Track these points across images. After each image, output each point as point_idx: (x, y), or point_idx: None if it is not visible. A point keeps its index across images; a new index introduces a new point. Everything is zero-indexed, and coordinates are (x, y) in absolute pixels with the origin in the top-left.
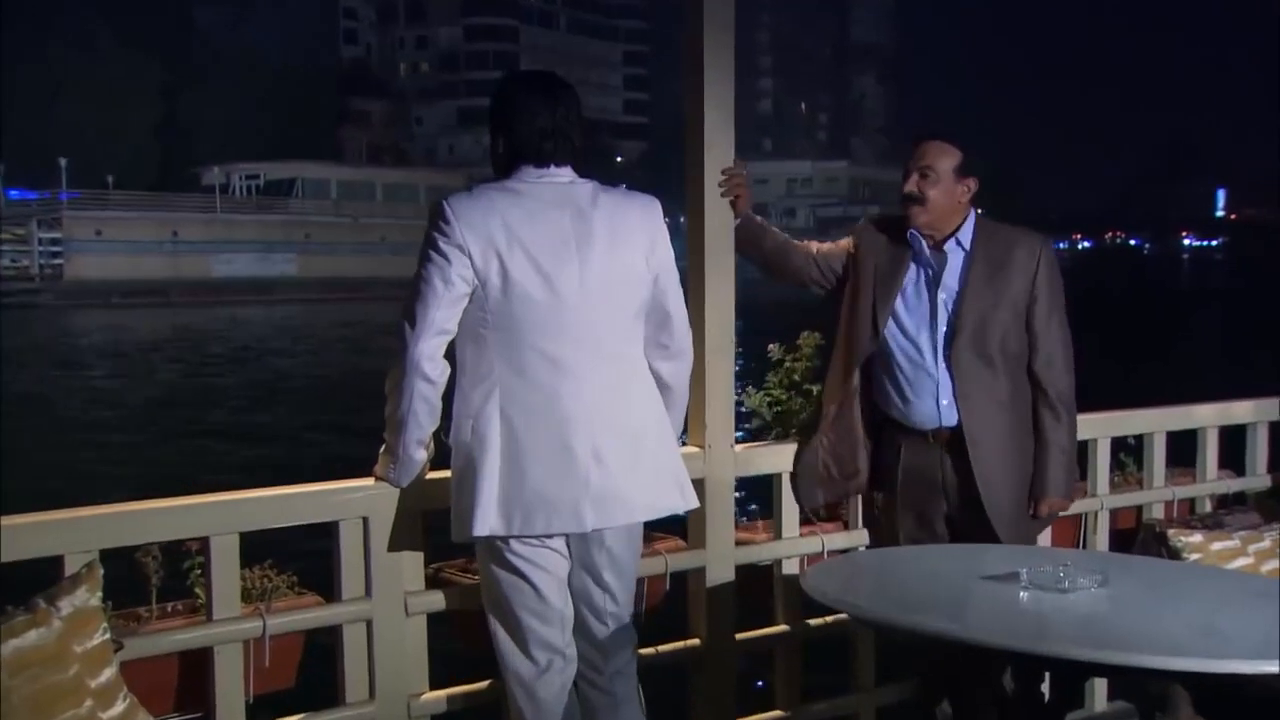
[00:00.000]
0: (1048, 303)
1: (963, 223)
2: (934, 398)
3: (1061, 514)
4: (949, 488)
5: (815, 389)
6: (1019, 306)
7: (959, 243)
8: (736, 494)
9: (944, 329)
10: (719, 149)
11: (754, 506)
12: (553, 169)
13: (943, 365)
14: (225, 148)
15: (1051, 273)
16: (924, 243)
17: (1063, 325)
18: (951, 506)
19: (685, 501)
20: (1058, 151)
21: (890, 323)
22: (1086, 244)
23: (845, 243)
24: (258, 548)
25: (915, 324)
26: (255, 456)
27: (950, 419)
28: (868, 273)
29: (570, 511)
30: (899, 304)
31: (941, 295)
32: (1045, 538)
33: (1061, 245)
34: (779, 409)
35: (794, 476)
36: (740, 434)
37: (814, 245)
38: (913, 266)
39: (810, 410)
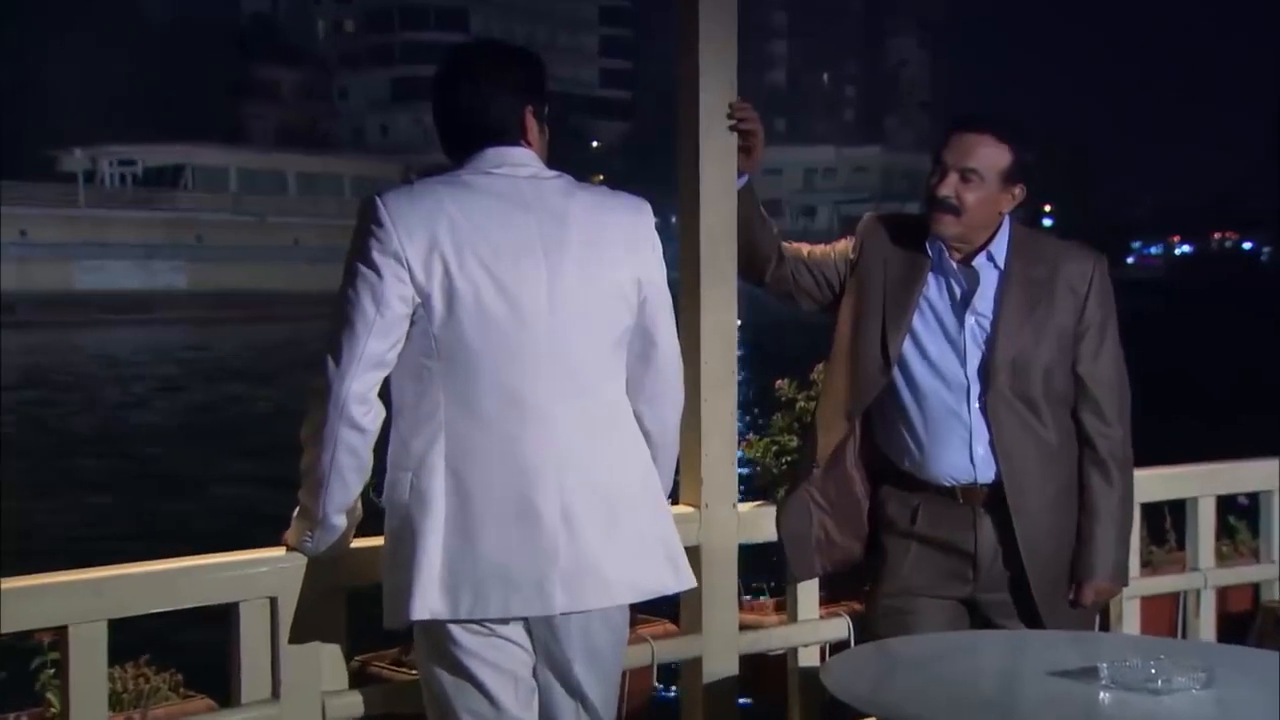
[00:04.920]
0: (1099, 335)
1: (995, 233)
2: (966, 446)
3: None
4: (982, 559)
5: None
6: (1065, 339)
7: (991, 258)
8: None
9: (978, 363)
10: (718, 131)
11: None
12: (515, 156)
13: (976, 407)
14: (91, 125)
15: (1106, 299)
16: (948, 255)
17: (1118, 362)
18: (980, 585)
19: (678, 580)
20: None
21: (905, 350)
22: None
23: (843, 245)
24: (130, 636)
25: (940, 353)
26: (130, 519)
27: (987, 474)
28: (875, 285)
29: (533, 589)
30: (919, 326)
31: (970, 320)
32: (1133, 623)
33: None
34: (788, 460)
35: (780, 545)
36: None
37: (804, 248)
38: (932, 281)
39: (792, 459)
